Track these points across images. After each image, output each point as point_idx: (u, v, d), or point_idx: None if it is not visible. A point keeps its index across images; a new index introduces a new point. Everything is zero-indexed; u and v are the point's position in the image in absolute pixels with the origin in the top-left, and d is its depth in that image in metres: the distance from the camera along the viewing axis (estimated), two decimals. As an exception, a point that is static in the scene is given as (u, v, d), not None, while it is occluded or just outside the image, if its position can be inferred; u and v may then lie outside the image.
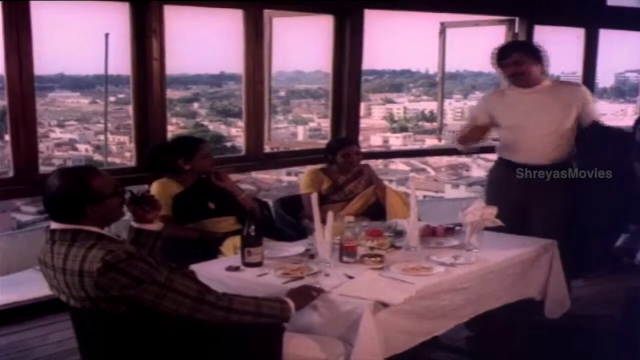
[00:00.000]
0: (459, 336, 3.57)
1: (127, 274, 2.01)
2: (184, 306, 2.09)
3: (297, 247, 3.06)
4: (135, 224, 2.40)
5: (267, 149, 5.06)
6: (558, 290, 3.29)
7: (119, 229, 2.87)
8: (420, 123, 7.98)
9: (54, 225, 2.14)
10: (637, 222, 4.81)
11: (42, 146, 4.76)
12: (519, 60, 3.49)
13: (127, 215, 2.49)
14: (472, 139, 3.74)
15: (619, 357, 3.05)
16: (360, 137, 5.56)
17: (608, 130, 3.60)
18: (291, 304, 2.31)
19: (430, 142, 7.42)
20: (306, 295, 2.39)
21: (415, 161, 8.12)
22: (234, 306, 2.18)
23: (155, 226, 2.44)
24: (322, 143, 4.44)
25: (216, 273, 2.73)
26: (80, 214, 2.11)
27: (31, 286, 3.83)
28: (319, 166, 4.30)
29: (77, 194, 2.10)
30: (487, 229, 3.09)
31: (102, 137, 5.72)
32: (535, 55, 3.54)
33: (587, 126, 3.54)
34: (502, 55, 3.57)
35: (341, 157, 4.11)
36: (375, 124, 8.11)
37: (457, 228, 3.29)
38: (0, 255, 4.40)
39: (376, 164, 6.19)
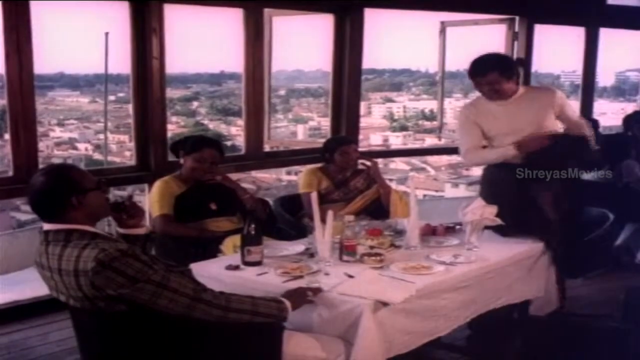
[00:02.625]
0: (460, 335, 3.57)
1: (122, 272, 2.01)
2: (180, 305, 2.09)
3: (297, 246, 3.06)
4: (121, 230, 2.38)
5: (267, 148, 5.06)
6: (547, 289, 3.29)
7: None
8: (420, 122, 7.97)
9: (46, 226, 2.14)
10: (636, 220, 4.83)
11: (42, 145, 4.76)
12: (493, 80, 3.44)
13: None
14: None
15: (617, 356, 3.05)
16: (360, 136, 5.56)
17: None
18: (287, 303, 2.31)
19: (430, 141, 7.42)
20: (302, 296, 2.39)
21: (416, 160, 8.11)
22: (231, 305, 2.18)
23: (142, 230, 2.39)
24: (322, 142, 4.43)
25: (216, 272, 2.73)
26: (67, 206, 2.10)
27: (31, 285, 3.83)
28: (315, 165, 4.29)
29: (61, 185, 2.11)
30: (487, 227, 3.10)
31: (102, 136, 5.72)
32: (510, 73, 3.49)
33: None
34: (477, 73, 3.51)
35: (339, 155, 4.11)
36: (375, 123, 8.10)
37: (457, 227, 3.30)
38: (0, 254, 4.39)
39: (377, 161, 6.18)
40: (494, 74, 3.43)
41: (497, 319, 3.51)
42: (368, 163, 4.18)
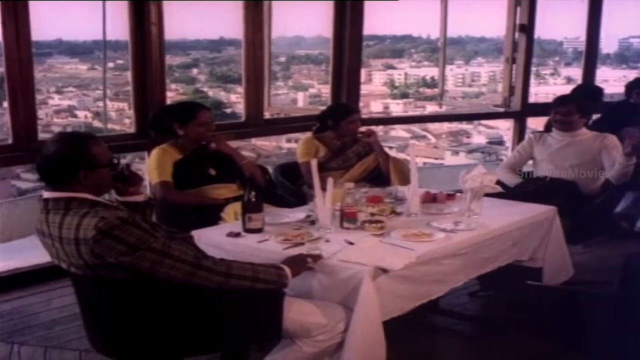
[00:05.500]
0: (458, 302, 3.61)
1: (122, 240, 2.01)
2: (182, 272, 2.10)
3: (297, 214, 3.07)
4: (119, 198, 2.37)
5: (267, 115, 5.03)
6: (558, 257, 3.30)
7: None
8: (421, 89, 7.91)
9: (46, 194, 2.14)
10: (636, 189, 4.83)
11: (41, 113, 4.73)
12: (569, 111, 4.10)
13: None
14: None
15: (615, 323, 3.07)
16: (361, 104, 5.53)
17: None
18: (287, 270, 2.32)
19: (430, 108, 7.37)
20: (302, 263, 2.40)
21: (416, 128, 8.07)
22: (232, 272, 2.19)
23: (141, 197, 2.39)
24: (323, 109, 4.40)
25: (217, 239, 2.74)
26: (72, 178, 2.10)
27: (33, 252, 3.84)
28: (309, 134, 4.27)
29: (73, 157, 2.11)
30: (488, 195, 3.10)
31: (101, 103, 5.68)
32: (584, 110, 4.15)
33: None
34: (558, 104, 4.19)
35: (347, 124, 4.08)
36: (375, 90, 8.03)
37: (458, 194, 3.30)
38: (1, 222, 4.40)
39: (376, 131, 6.17)
40: (572, 106, 4.12)
41: (494, 286, 3.55)
42: (368, 139, 4.13)
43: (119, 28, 4.30)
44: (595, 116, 5.52)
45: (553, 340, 3.22)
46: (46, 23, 4.28)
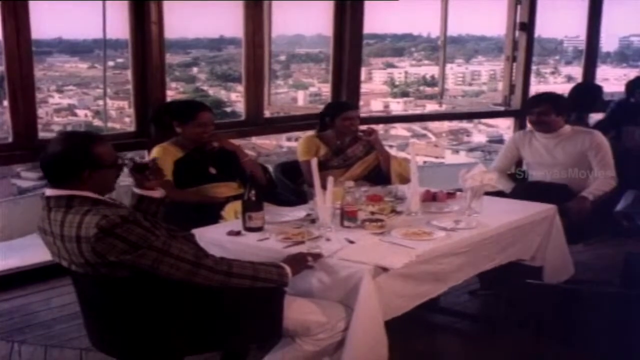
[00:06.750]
0: (458, 300, 3.61)
1: (124, 239, 2.02)
2: (182, 270, 2.11)
3: (298, 212, 3.07)
4: (137, 191, 2.41)
5: (267, 114, 5.03)
6: (558, 256, 3.31)
7: (119, 194, 2.88)
8: (421, 88, 7.90)
9: (48, 192, 2.15)
10: (636, 187, 4.82)
11: (41, 112, 4.73)
12: (543, 111, 3.96)
13: (129, 181, 2.50)
14: None
15: (616, 323, 3.07)
16: (361, 102, 5.53)
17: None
18: (288, 269, 2.32)
19: (431, 107, 7.37)
20: (302, 261, 2.40)
21: (416, 126, 8.07)
22: (233, 270, 2.20)
23: (158, 193, 2.45)
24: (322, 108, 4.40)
25: (217, 237, 2.75)
26: (76, 177, 2.11)
27: (33, 251, 3.85)
28: (311, 133, 4.26)
29: (78, 156, 2.12)
30: (488, 193, 3.10)
31: (101, 102, 5.68)
32: (560, 108, 4.01)
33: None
34: (532, 104, 4.14)
35: (342, 121, 4.07)
36: (375, 89, 8.02)
37: (458, 193, 3.30)
38: (1, 221, 4.41)
39: (377, 129, 6.17)
40: (545, 105, 3.97)
41: (494, 284, 3.54)
42: (369, 137, 4.11)
43: (119, 27, 4.30)
44: (597, 116, 5.53)
45: (553, 340, 3.22)
46: (46, 22, 4.27)
